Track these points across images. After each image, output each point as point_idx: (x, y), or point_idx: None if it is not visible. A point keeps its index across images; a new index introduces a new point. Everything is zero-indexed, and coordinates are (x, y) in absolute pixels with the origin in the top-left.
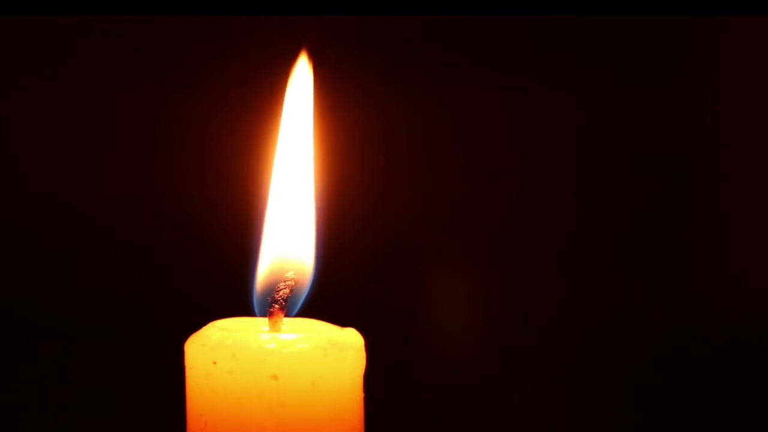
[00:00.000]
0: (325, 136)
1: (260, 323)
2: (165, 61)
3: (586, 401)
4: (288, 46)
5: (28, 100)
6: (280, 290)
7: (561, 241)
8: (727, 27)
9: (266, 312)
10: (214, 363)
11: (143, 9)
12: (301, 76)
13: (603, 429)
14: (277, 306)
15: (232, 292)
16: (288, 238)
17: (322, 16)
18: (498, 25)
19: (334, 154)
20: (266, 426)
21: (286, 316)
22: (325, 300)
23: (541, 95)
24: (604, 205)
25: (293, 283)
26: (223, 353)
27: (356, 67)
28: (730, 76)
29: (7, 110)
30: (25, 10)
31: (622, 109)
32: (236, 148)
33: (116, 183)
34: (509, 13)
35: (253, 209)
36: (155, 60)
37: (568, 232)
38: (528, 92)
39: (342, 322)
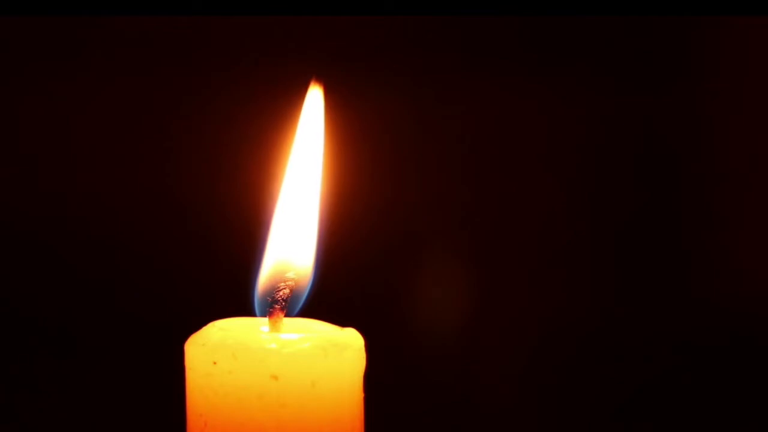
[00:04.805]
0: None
1: (260, 323)
2: (170, 63)
3: (585, 401)
4: (289, 46)
5: (29, 100)
6: (281, 290)
7: (560, 241)
8: (727, 27)
9: (266, 312)
10: (214, 363)
11: (146, 9)
12: (313, 99)
13: (601, 430)
14: (277, 306)
15: (232, 292)
16: (289, 238)
17: (322, 16)
18: (498, 26)
19: (332, 154)
20: (266, 426)
21: (286, 316)
22: (325, 300)
23: (541, 95)
24: (602, 204)
25: (293, 283)
26: (223, 353)
27: (355, 67)
28: (730, 76)
29: (7, 110)
30: (25, 10)
31: (622, 109)
32: (238, 148)
33: (117, 183)
34: (509, 14)
35: (254, 209)
36: (159, 61)
37: (568, 232)
38: (528, 92)
39: (342, 322)
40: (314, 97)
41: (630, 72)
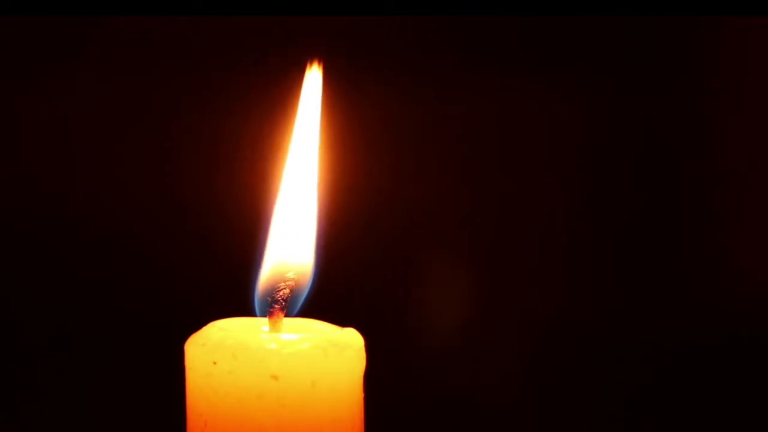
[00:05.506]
0: (324, 136)
1: (260, 323)
2: (170, 63)
3: (585, 401)
4: (290, 47)
5: (29, 100)
6: (281, 290)
7: (560, 241)
8: (727, 27)
9: (266, 312)
10: (214, 363)
11: (146, 9)
12: (311, 86)
13: (601, 430)
14: (277, 306)
15: (232, 292)
16: (289, 238)
17: (322, 16)
18: (498, 26)
19: (333, 154)
20: (266, 426)
21: (286, 316)
22: (325, 300)
23: (541, 95)
24: (602, 204)
25: (293, 284)
26: (223, 353)
27: (354, 67)
28: (730, 76)
29: (7, 110)
30: (25, 10)
31: (622, 109)
32: (238, 148)
33: (117, 183)
34: (509, 14)
35: (254, 209)
36: (159, 61)
37: (568, 232)
38: (528, 92)
39: (342, 322)
40: (312, 82)
41: (630, 72)
